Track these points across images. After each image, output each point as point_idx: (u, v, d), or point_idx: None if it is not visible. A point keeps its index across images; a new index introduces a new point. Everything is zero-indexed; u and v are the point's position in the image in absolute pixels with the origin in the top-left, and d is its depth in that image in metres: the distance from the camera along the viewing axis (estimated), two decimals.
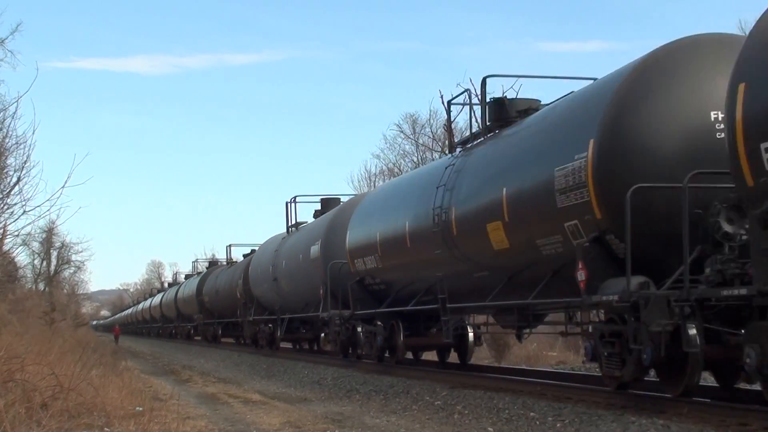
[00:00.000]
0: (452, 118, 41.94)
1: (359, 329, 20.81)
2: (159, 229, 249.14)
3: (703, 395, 11.15)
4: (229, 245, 46.15)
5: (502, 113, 14.96)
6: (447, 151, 19.30)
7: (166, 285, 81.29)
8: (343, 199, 26.43)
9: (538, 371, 18.07)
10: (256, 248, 36.00)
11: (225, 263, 45.88)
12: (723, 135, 9.72)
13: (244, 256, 39.49)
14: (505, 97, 15.79)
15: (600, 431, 9.52)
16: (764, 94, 8.24)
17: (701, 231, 9.77)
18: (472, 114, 17.88)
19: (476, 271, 14.67)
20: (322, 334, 28.52)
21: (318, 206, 27.57)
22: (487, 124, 15.25)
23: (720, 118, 10.21)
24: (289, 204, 29.13)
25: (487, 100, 15.37)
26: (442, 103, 44.66)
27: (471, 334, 18.90)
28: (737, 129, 8.54)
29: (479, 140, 15.66)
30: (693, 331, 9.66)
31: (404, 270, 17.76)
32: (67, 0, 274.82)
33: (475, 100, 18.73)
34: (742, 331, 9.46)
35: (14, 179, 20.39)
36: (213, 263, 54.31)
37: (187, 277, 62.20)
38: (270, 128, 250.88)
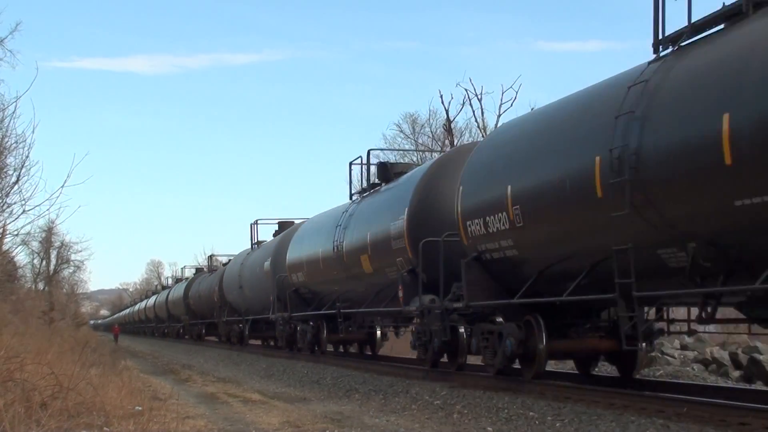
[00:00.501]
0: (452, 118, 41.87)
1: (299, 328, 26.10)
2: (159, 229, 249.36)
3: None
4: (211, 255, 53.01)
5: (385, 173, 20.74)
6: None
7: (169, 282, 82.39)
8: (298, 220, 30.99)
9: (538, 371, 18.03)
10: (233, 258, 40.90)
11: (207, 271, 50.94)
12: None
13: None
14: (387, 162, 22.37)
15: (599, 431, 9.52)
16: (468, 197, 14.40)
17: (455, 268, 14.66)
18: (368, 172, 22.38)
19: (359, 287, 20.89)
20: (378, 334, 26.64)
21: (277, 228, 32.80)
22: (372, 182, 21.63)
23: None
24: (252, 225, 36.03)
25: (373, 163, 22.22)
26: (442, 103, 44.92)
27: (379, 332, 24.31)
28: (457, 213, 14.71)
29: (366, 194, 21.67)
30: (461, 329, 15.92)
31: (321, 284, 23.77)
32: (67, 0, 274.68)
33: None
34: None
35: (14, 178, 20.43)
36: (199, 270, 58.40)
37: (177, 281, 67.13)
38: (270, 128, 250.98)
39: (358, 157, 23.70)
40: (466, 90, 44.77)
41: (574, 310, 13.35)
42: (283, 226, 31.57)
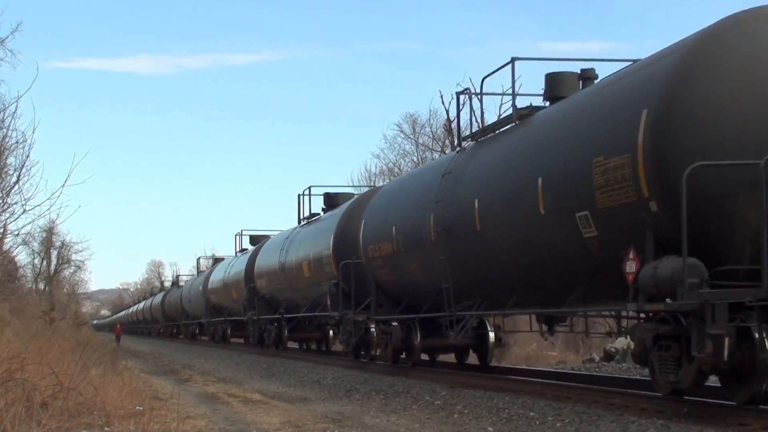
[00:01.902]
0: (452, 119, 42.06)
1: (372, 329, 21.50)
2: (159, 229, 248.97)
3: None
4: (199, 258, 55.26)
5: (329, 201, 25.64)
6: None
7: (175, 281, 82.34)
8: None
9: (538, 371, 18.07)
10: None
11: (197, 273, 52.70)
12: None
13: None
14: (331, 193, 26.04)
15: (600, 431, 9.53)
16: (366, 232, 19.19)
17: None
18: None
19: (301, 296, 25.85)
20: (330, 333, 28.26)
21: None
22: (311, 213, 26.66)
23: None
24: (237, 236, 38.20)
25: (315, 195, 26.43)
26: (442, 103, 44.89)
27: (331, 332, 26.11)
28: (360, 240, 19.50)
29: (305, 223, 27.26)
30: (372, 328, 20.01)
31: (277, 291, 26.98)
32: (67, 0, 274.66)
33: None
34: None
35: (14, 178, 20.44)
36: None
37: (173, 284, 67.07)
38: (270, 128, 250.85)
39: (308, 187, 27.36)
40: (466, 90, 44.62)
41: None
42: (256, 239, 36.72)
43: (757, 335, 8.95)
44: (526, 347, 31.34)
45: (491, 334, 17.86)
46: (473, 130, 16.58)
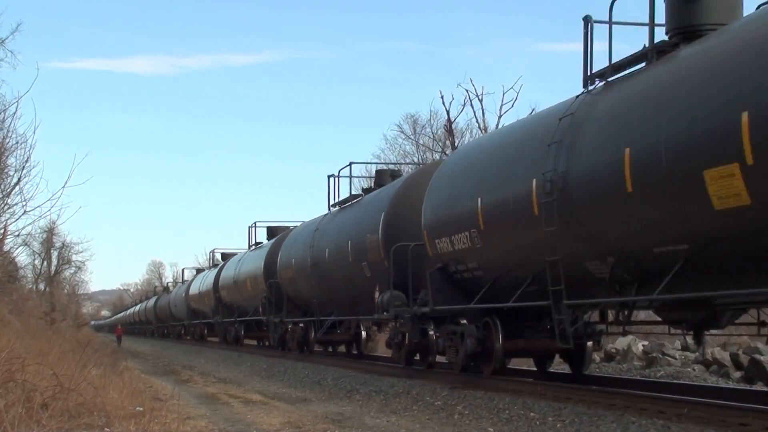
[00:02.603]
0: (453, 119, 41.90)
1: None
2: (159, 229, 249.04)
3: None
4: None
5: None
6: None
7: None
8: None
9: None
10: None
11: (206, 268, 51.86)
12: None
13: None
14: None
15: (600, 431, 9.53)
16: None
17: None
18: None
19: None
20: (364, 335, 24.82)
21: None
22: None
23: None
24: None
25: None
26: (443, 103, 44.95)
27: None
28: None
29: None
30: (431, 331, 16.82)
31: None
32: (67, 0, 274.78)
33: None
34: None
35: (15, 179, 20.44)
36: (199, 270, 57.53)
37: (176, 282, 68.84)
38: (270, 128, 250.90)
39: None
40: (467, 90, 44.63)
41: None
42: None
43: (431, 332, 16.63)
44: None
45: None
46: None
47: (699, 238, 9.72)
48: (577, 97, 12.39)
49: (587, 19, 12.35)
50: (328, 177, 22.85)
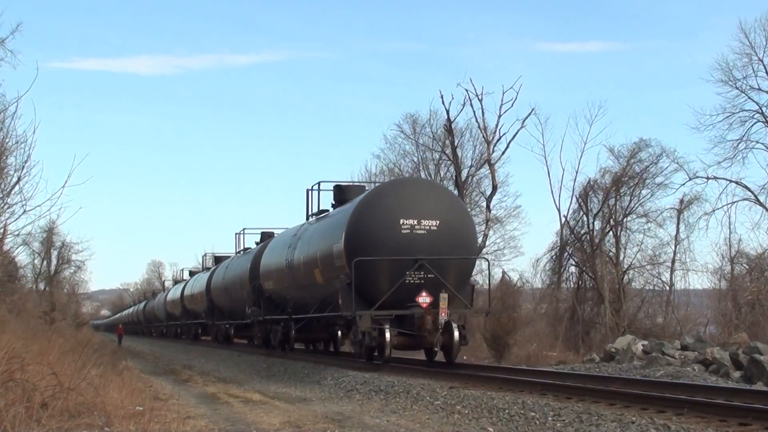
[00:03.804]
0: (452, 119, 41.95)
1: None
2: (159, 229, 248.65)
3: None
4: (205, 254, 54.60)
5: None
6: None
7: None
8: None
9: (538, 371, 18.07)
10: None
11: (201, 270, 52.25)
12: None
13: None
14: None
15: (600, 431, 9.53)
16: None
17: None
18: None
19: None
20: (339, 334, 27.58)
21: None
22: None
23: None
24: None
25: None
26: (443, 103, 44.88)
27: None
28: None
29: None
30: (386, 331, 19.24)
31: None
32: (67, 0, 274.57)
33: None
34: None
35: (15, 179, 20.37)
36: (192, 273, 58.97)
37: (175, 282, 68.32)
38: (270, 128, 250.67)
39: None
40: (466, 90, 44.39)
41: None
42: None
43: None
44: (526, 347, 31.32)
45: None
46: None
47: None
48: (302, 225, 25.36)
49: (308, 190, 24.88)
50: (307, 191, 26.46)
